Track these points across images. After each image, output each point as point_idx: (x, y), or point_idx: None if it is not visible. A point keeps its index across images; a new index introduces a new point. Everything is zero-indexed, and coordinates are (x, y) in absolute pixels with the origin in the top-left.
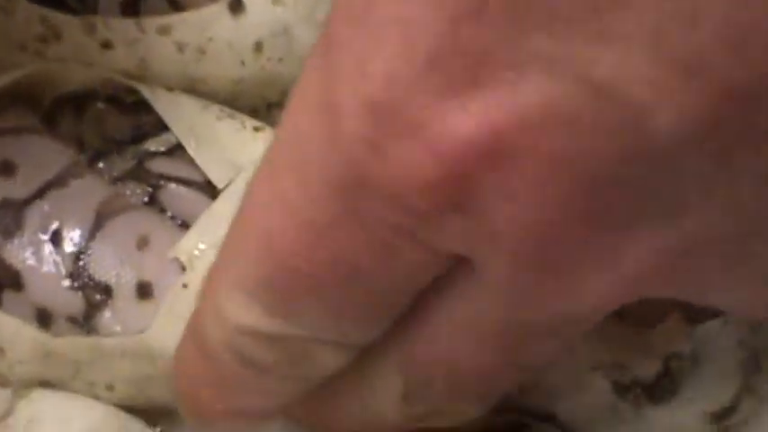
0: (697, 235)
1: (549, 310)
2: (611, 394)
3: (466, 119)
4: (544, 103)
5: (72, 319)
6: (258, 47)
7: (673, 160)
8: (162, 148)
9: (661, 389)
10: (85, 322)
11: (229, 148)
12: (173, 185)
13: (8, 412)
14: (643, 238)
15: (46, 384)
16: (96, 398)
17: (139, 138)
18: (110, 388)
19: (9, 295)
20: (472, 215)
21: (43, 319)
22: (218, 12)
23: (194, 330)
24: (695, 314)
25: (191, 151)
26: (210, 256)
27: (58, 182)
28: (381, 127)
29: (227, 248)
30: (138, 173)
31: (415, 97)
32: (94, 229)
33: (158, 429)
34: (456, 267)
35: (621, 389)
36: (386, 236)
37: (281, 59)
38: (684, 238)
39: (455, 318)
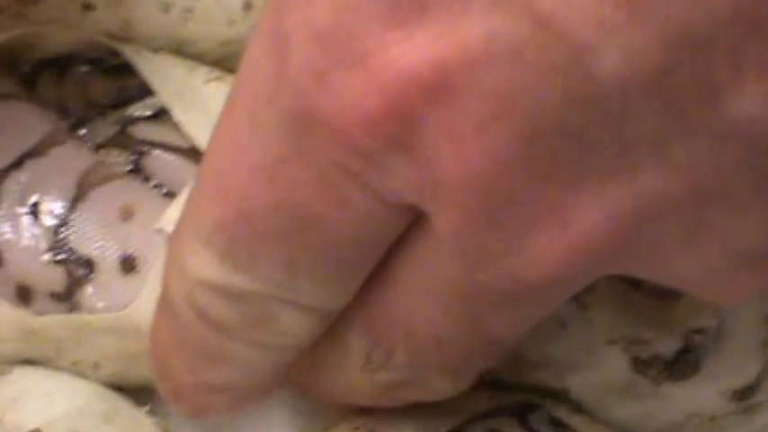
0: (651, 198)
1: (501, 271)
2: (627, 370)
3: (409, 50)
4: (488, 36)
5: (54, 296)
6: (247, 5)
7: (620, 108)
8: (147, 113)
9: (682, 365)
10: (68, 298)
11: (216, 114)
12: (157, 152)
13: None
14: (593, 196)
15: (29, 363)
16: (83, 376)
17: (124, 102)
18: (96, 366)
19: None
20: (416, 158)
21: (24, 295)
22: None
23: (163, 296)
24: None
25: (176, 116)
26: None
27: (36, 151)
28: (327, 55)
29: (189, 196)
30: (122, 139)
31: (361, 24)
32: (75, 201)
33: (147, 408)
34: (411, 227)
35: (640, 365)
36: (333, 177)
37: None
38: (638, 199)
39: (411, 279)
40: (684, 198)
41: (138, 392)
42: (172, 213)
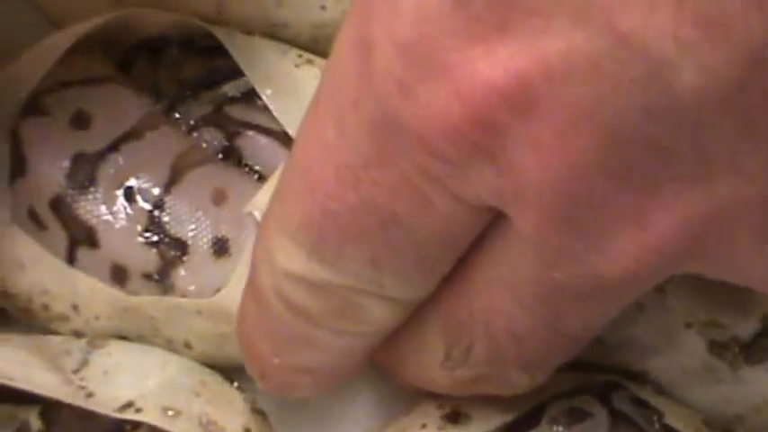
0: (725, 203)
1: (580, 270)
2: (705, 353)
3: (492, 64)
4: (568, 51)
5: (147, 276)
6: None
7: (696, 121)
8: (239, 93)
9: (759, 349)
10: (161, 279)
11: (306, 98)
12: (251, 133)
13: (84, 363)
14: (670, 201)
15: (124, 338)
16: (174, 353)
17: (216, 82)
18: (187, 345)
19: (84, 252)
20: (499, 165)
21: (118, 275)
22: None
23: (251, 281)
24: None
25: (266, 100)
26: None
27: (132, 134)
28: (410, 67)
29: (276, 190)
30: (217, 118)
31: (443, 38)
32: (170, 184)
33: (235, 384)
34: (491, 226)
35: (717, 347)
36: (417, 181)
37: (323, 7)
38: (713, 205)
39: (490, 277)
40: (756, 203)
41: (227, 369)
42: (261, 198)
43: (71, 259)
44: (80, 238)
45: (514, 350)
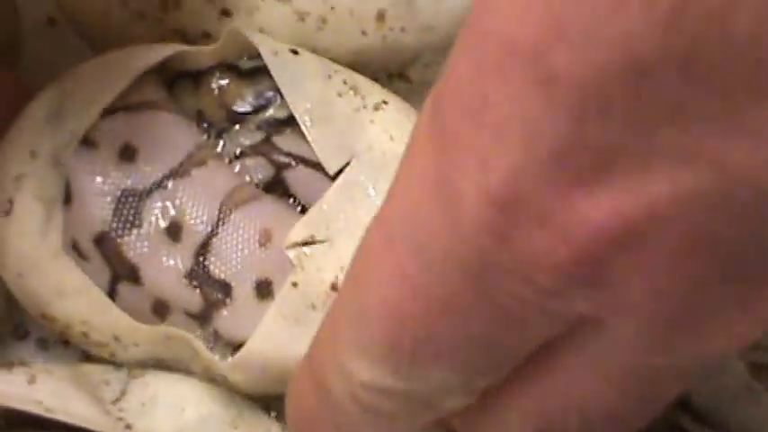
0: None
1: (683, 355)
2: (745, 375)
3: (595, 207)
4: (674, 190)
5: (189, 314)
6: (380, 16)
7: None
8: (286, 116)
9: None
10: (203, 319)
11: (345, 132)
12: (297, 165)
13: (122, 393)
14: None
15: (162, 364)
16: (212, 383)
17: (263, 106)
18: (224, 378)
19: (126, 286)
20: (602, 288)
21: (160, 310)
22: None
23: (313, 374)
24: None
25: (305, 131)
26: (322, 255)
27: (180, 171)
28: (507, 218)
29: (345, 308)
30: (265, 148)
31: (540, 190)
32: (217, 224)
33: (273, 414)
34: (581, 323)
35: (757, 370)
36: (513, 308)
37: (402, 29)
38: None
39: (584, 365)
40: None
41: (265, 398)
42: (295, 235)
43: (112, 291)
44: (122, 274)
45: (610, 428)
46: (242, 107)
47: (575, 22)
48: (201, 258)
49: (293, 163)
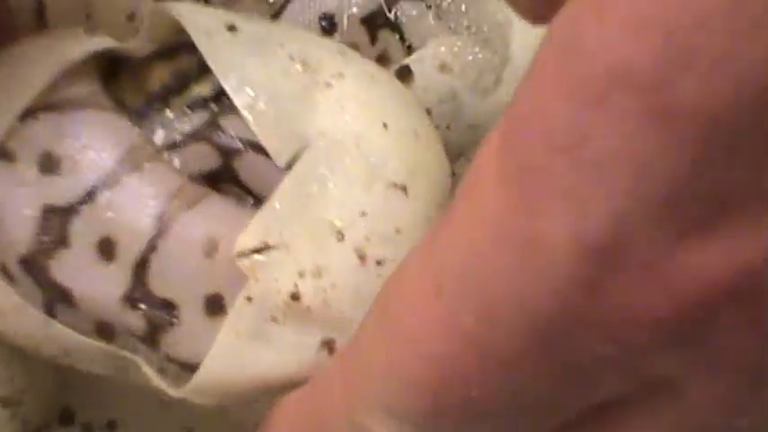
0: None
1: (758, 415)
2: None
3: (708, 258)
4: None
5: (136, 337)
6: (426, 113)
7: None
8: (212, 91)
9: None
10: (151, 342)
11: (294, 116)
12: (248, 151)
13: None
14: None
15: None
16: None
17: (184, 85)
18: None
19: (63, 309)
20: (698, 347)
21: (104, 331)
22: None
23: (310, 422)
24: None
25: (247, 118)
26: (278, 263)
27: (110, 181)
28: (603, 269)
29: (365, 360)
30: (209, 132)
31: (646, 238)
32: (155, 238)
33: None
34: (658, 381)
35: None
36: (587, 367)
37: (448, 126)
38: None
39: (655, 429)
40: None
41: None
42: (243, 243)
43: (50, 312)
44: (56, 298)
45: None
46: (161, 88)
47: (705, 49)
48: (140, 277)
49: (242, 148)
